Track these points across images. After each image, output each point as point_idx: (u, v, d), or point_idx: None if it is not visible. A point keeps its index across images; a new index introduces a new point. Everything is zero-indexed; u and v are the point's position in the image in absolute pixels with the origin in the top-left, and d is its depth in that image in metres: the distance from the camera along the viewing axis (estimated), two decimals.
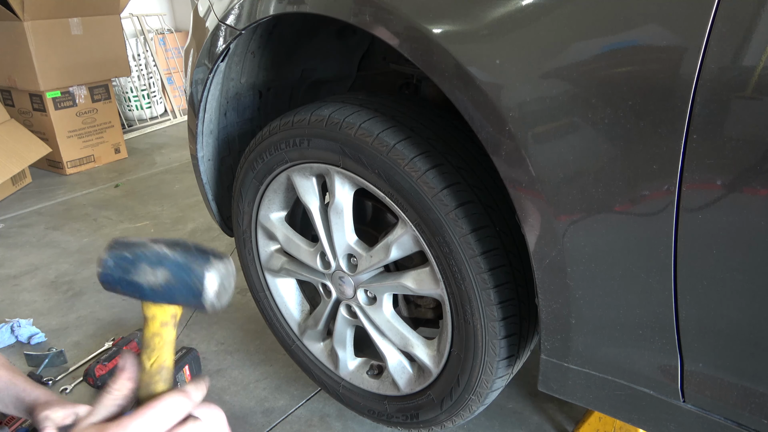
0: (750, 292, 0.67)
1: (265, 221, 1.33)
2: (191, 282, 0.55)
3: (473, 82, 0.77)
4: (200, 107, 1.31)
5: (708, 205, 0.66)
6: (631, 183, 0.70)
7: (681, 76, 0.62)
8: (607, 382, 0.86)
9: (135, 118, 4.73)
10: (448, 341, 1.08)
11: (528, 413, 1.46)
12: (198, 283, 0.55)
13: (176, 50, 5.06)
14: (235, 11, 1.14)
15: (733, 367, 0.73)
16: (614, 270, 0.77)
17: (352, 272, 1.18)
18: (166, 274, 0.55)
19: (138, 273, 0.56)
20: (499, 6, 0.75)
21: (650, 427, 0.86)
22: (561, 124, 0.73)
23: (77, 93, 3.49)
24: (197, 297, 0.55)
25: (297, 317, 1.44)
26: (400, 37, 0.85)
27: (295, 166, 1.17)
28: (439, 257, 0.99)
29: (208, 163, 1.44)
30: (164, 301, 0.57)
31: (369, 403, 1.32)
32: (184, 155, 3.85)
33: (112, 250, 0.58)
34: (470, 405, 1.11)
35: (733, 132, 0.61)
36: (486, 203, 0.94)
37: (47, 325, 1.93)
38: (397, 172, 0.97)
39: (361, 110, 1.03)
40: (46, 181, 3.43)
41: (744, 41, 0.59)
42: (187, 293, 0.55)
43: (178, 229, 2.67)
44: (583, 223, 0.76)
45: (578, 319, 0.84)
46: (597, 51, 0.68)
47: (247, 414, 1.50)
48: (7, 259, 2.43)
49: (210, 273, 0.55)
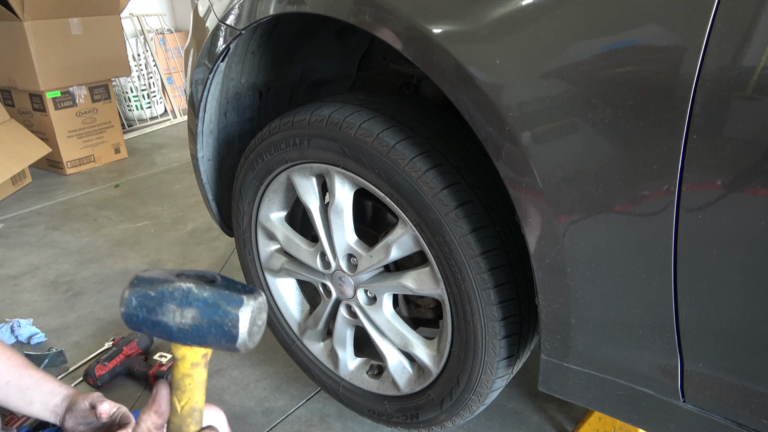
0: (750, 292, 0.67)
1: (265, 221, 1.33)
2: (223, 323, 0.51)
3: (473, 82, 0.77)
4: (200, 107, 1.31)
5: (708, 205, 0.66)
6: (631, 183, 0.70)
7: (681, 76, 0.62)
8: (607, 382, 0.86)
9: (135, 118, 4.73)
10: (448, 341, 1.08)
11: (528, 413, 1.46)
12: (230, 324, 0.51)
13: (176, 50, 5.06)
14: (235, 11, 1.14)
15: (733, 367, 0.73)
16: (614, 270, 0.77)
17: (352, 272, 1.18)
18: (195, 315, 0.52)
19: (164, 313, 0.52)
20: (499, 6, 0.75)
21: (650, 427, 0.86)
22: (561, 124, 0.73)
23: (77, 93, 3.49)
24: (229, 339, 0.51)
25: (297, 317, 1.44)
26: (400, 37, 0.85)
27: (295, 166, 1.17)
28: (439, 257, 0.99)
29: (208, 163, 1.44)
30: (194, 343, 0.53)
31: (369, 403, 1.32)
32: (184, 155, 3.85)
33: (134, 288, 0.54)
34: (470, 405, 1.11)
35: (733, 132, 0.61)
36: (486, 203, 0.94)
37: (47, 325, 1.93)
38: (397, 172, 0.97)
39: (361, 110, 1.03)
40: (46, 181, 3.43)
41: (744, 41, 0.59)
42: (218, 335, 0.52)
43: (178, 229, 2.67)
44: (583, 223, 0.76)
45: (578, 319, 0.84)
46: (597, 51, 0.68)
47: (247, 414, 1.50)
48: (7, 259, 2.43)
49: (243, 313, 0.51)
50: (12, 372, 0.96)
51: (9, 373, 0.96)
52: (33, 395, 0.95)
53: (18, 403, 0.96)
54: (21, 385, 0.96)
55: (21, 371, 0.97)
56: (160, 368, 1.58)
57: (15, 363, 0.98)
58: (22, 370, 0.97)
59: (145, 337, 1.72)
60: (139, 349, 1.68)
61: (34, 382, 0.96)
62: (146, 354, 1.70)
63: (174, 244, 2.51)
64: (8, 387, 0.95)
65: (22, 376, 0.96)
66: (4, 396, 0.95)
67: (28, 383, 0.96)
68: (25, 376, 0.97)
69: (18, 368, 0.97)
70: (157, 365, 1.60)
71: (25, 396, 0.95)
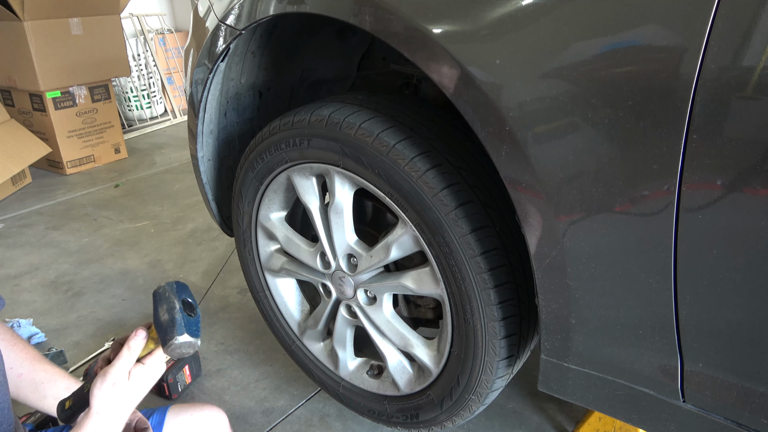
0: (750, 292, 0.67)
1: (265, 221, 1.33)
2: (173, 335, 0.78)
3: (473, 82, 0.77)
4: (200, 107, 1.31)
5: (708, 205, 0.66)
6: (631, 183, 0.70)
7: (681, 76, 0.62)
8: (607, 382, 0.86)
9: (135, 118, 4.73)
10: (448, 341, 1.08)
11: (528, 413, 1.46)
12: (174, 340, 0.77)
13: (176, 50, 5.06)
14: (235, 11, 1.14)
15: (733, 367, 0.73)
16: (614, 270, 0.77)
17: (352, 272, 1.18)
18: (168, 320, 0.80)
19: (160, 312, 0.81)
20: (498, 6, 0.75)
21: (650, 427, 0.86)
22: (561, 124, 0.73)
23: (77, 93, 3.49)
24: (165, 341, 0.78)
25: (297, 317, 1.44)
26: (400, 37, 0.85)
27: (295, 166, 1.17)
28: (439, 257, 0.99)
29: (208, 163, 1.44)
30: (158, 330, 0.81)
31: (369, 403, 1.32)
32: (184, 155, 3.85)
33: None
34: (470, 405, 1.11)
35: (733, 132, 0.61)
36: (486, 203, 0.94)
37: (47, 325, 1.93)
38: (397, 172, 0.97)
39: (361, 110, 1.03)
40: (46, 181, 3.43)
41: (744, 41, 0.59)
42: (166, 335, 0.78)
43: (178, 229, 2.67)
44: (583, 223, 0.76)
45: (578, 319, 0.84)
46: (597, 51, 0.68)
47: (247, 414, 1.50)
48: (7, 259, 2.43)
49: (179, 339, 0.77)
50: (25, 365, 0.95)
51: (22, 366, 0.95)
52: (47, 390, 0.95)
53: (30, 396, 0.95)
54: (35, 379, 0.95)
55: (35, 365, 0.96)
56: None
57: (28, 356, 0.96)
58: (36, 364, 0.96)
59: None
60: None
61: (49, 377, 0.95)
62: None
63: (174, 244, 2.51)
64: (20, 380, 0.94)
65: (36, 370, 0.96)
66: (15, 389, 0.94)
67: (43, 377, 0.95)
68: (39, 371, 0.96)
69: (32, 362, 0.96)
70: None
71: (38, 390, 0.95)
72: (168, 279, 2.14)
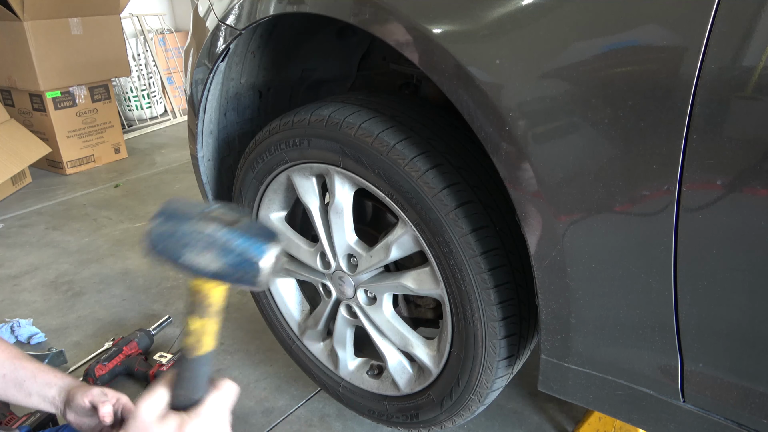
0: (750, 292, 0.67)
1: (265, 221, 1.33)
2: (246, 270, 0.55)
3: (473, 82, 0.77)
4: (200, 107, 1.31)
5: (708, 205, 0.66)
6: (631, 183, 0.70)
7: (681, 76, 0.62)
8: (607, 382, 0.86)
9: (135, 118, 4.73)
10: (448, 341, 1.08)
11: (528, 413, 1.46)
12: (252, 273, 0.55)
13: (176, 50, 5.06)
14: (235, 11, 1.14)
15: (733, 367, 0.73)
16: (614, 270, 0.77)
17: (352, 272, 1.18)
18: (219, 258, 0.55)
19: (188, 253, 0.55)
20: (499, 6, 0.75)
21: (650, 427, 0.86)
22: (561, 124, 0.73)
23: (77, 93, 3.49)
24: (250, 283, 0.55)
25: (297, 317, 1.44)
26: (400, 37, 0.85)
27: (295, 166, 1.17)
28: (439, 257, 0.99)
29: (208, 163, 1.44)
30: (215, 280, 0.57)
31: (369, 403, 1.32)
32: (184, 155, 3.85)
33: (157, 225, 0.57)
34: (470, 405, 1.11)
35: (733, 132, 0.61)
36: (486, 203, 0.94)
37: (47, 325, 1.93)
38: (397, 172, 0.97)
39: (361, 110, 1.03)
40: (46, 181, 3.43)
41: (744, 41, 0.59)
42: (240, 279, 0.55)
43: None
44: (583, 223, 0.76)
45: (578, 319, 0.84)
46: (597, 51, 0.68)
47: (247, 414, 1.50)
48: (7, 259, 2.43)
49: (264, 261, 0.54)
50: (6, 365, 0.95)
51: (3, 366, 0.95)
52: (30, 387, 0.94)
53: (17, 395, 0.95)
54: (17, 378, 0.94)
55: (15, 363, 0.95)
56: (160, 368, 1.58)
57: (9, 355, 0.96)
58: (16, 362, 0.96)
59: (145, 336, 1.73)
60: (139, 349, 1.68)
61: (29, 374, 0.95)
62: (146, 354, 1.70)
63: None
64: (5, 380, 0.94)
65: (17, 368, 0.95)
66: (3, 390, 0.94)
67: (24, 375, 0.95)
68: (19, 368, 0.95)
69: (12, 360, 0.96)
70: (157, 365, 1.60)
71: (22, 388, 0.94)
72: (168, 279, 2.14)
